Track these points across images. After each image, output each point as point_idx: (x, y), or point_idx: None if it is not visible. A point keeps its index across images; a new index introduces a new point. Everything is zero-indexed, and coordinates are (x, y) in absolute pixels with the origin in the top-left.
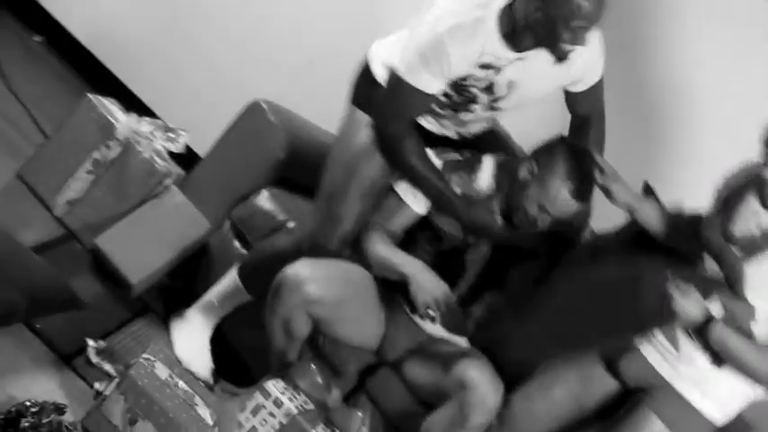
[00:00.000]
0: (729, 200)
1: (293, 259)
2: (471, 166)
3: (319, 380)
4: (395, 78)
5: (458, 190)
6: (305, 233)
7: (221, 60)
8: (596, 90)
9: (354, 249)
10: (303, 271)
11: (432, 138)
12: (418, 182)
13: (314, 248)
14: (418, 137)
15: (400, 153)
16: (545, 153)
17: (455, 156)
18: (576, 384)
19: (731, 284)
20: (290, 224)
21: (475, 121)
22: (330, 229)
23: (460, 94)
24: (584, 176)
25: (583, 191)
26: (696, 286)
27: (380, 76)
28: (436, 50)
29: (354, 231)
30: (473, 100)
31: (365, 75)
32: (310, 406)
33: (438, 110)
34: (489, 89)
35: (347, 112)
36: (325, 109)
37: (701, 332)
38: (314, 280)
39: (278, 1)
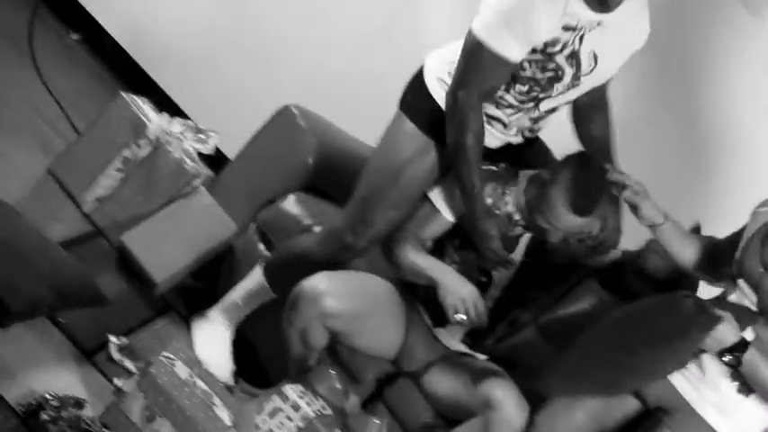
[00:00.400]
0: None
1: (318, 258)
2: (506, 179)
3: (338, 385)
4: (475, 43)
5: (488, 200)
6: (332, 230)
7: (256, 65)
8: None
9: (384, 253)
10: (321, 284)
11: None
12: (461, 165)
13: (340, 247)
14: (483, 120)
15: (462, 125)
16: (556, 166)
17: (491, 167)
18: (598, 404)
19: (766, 314)
20: (316, 229)
21: (546, 113)
22: (361, 230)
23: (545, 69)
24: (586, 190)
25: (582, 205)
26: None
27: (433, 90)
28: (522, 8)
29: (386, 235)
30: (558, 76)
31: (418, 84)
32: (328, 411)
33: (515, 102)
34: (574, 57)
35: (394, 119)
36: (357, 118)
37: (730, 357)
38: (332, 294)
39: (318, 10)
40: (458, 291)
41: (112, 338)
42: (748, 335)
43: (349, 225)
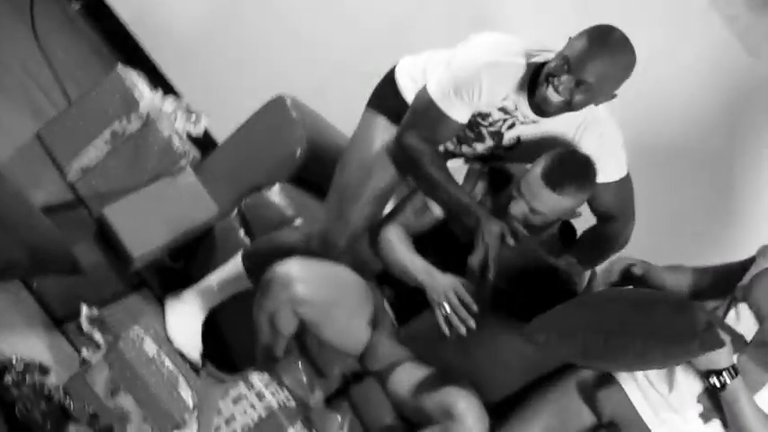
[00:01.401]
0: None
1: (300, 255)
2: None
3: (304, 378)
4: (427, 100)
5: (482, 199)
6: (315, 230)
7: (255, 51)
8: (618, 189)
9: (372, 245)
10: (293, 270)
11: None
12: (436, 191)
13: (323, 245)
14: (437, 150)
15: (417, 162)
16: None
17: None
18: (553, 418)
19: (761, 345)
20: (298, 221)
21: (471, 155)
22: (340, 227)
23: (471, 130)
24: (564, 166)
25: (556, 177)
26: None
27: (405, 88)
28: (471, 80)
29: (364, 230)
30: (479, 140)
31: (390, 84)
32: (291, 403)
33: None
34: (498, 136)
35: (365, 116)
36: (352, 115)
37: (716, 379)
38: (303, 280)
39: (319, 4)
40: (439, 284)
41: (84, 308)
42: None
43: (330, 224)
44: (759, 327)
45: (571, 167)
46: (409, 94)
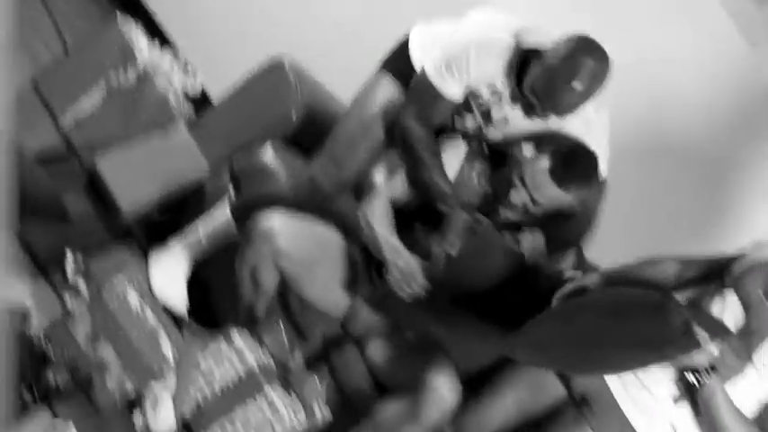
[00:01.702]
0: None
1: (288, 202)
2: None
3: (285, 340)
4: (424, 80)
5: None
6: (304, 176)
7: (259, 10)
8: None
9: (357, 199)
10: (276, 223)
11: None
12: (423, 175)
13: (311, 190)
14: (425, 130)
15: (408, 140)
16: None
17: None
18: (525, 391)
19: (746, 334)
20: (285, 178)
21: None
22: (331, 171)
23: (465, 109)
24: (572, 164)
25: (564, 174)
26: (705, 325)
27: (415, 56)
28: (461, 54)
29: (352, 180)
30: (471, 118)
31: (402, 49)
32: (271, 363)
33: None
34: (487, 115)
35: (375, 75)
36: (352, 79)
37: (694, 377)
38: (285, 235)
39: None
40: (400, 268)
41: (70, 256)
42: (714, 350)
43: (320, 167)
44: (745, 315)
45: (579, 165)
46: (418, 62)
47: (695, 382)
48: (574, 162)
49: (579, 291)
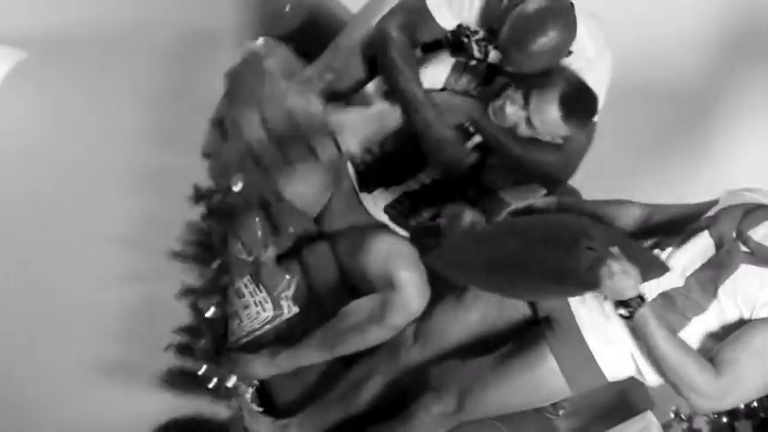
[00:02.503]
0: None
1: None
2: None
3: (259, 233)
4: (419, 2)
5: (465, 85)
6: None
7: None
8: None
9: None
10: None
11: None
12: (396, 80)
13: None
14: (405, 39)
15: (384, 45)
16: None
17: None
18: (491, 307)
19: (713, 266)
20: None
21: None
22: (327, 79)
23: (464, 36)
24: (581, 99)
25: (572, 107)
26: (642, 261)
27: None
28: None
29: (342, 90)
30: (469, 46)
31: None
32: (243, 255)
33: None
34: (485, 51)
35: None
36: None
37: (624, 310)
38: None
39: None
40: None
41: None
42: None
43: (317, 73)
44: (715, 252)
45: (586, 100)
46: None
47: (625, 313)
48: (583, 96)
49: (527, 210)
